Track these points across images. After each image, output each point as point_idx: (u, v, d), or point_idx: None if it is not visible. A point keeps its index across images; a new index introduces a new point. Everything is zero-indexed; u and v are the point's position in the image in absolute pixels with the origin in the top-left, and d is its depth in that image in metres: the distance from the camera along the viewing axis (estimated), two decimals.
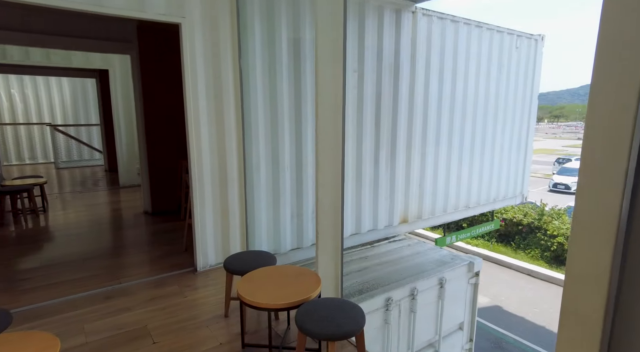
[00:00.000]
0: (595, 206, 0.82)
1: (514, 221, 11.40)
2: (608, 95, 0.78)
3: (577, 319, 0.86)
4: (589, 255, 0.82)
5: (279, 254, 3.72)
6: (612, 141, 0.77)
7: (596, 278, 0.82)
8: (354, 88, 4.40)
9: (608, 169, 0.78)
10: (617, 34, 0.77)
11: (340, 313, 1.90)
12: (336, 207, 2.40)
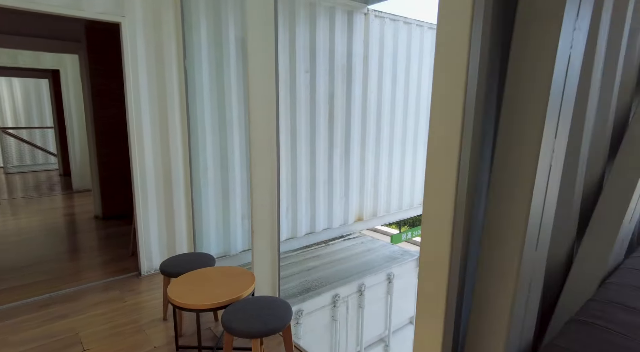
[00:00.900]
0: (437, 200, 0.87)
1: None
2: (443, 101, 0.84)
3: (427, 298, 0.92)
4: (434, 243, 0.88)
5: (229, 256, 3.70)
6: (447, 143, 0.83)
7: (439, 263, 0.88)
8: (306, 88, 4.44)
9: (445, 170, 0.84)
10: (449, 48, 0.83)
11: (267, 311, 1.92)
12: (272, 207, 2.42)
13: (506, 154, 0.96)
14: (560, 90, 0.95)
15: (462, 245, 0.92)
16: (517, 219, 0.93)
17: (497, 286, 0.97)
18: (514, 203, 0.94)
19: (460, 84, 0.81)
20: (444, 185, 0.86)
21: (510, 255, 0.94)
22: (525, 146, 0.92)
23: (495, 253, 0.97)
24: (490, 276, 0.98)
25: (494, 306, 0.97)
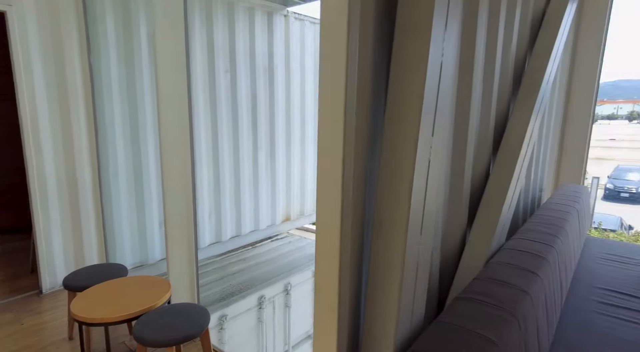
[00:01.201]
0: (327, 198, 0.94)
1: None
2: (329, 106, 0.91)
3: (322, 288, 0.99)
4: (325, 238, 0.95)
5: (146, 265, 3.50)
6: (333, 145, 0.90)
7: (331, 256, 0.95)
8: (227, 89, 4.36)
9: (331, 171, 0.92)
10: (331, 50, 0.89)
11: (183, 318, 1.87)
12: (188, 212, 2.35)
13: (390, 151, 1.06)
14: (435, 93, 1.07)
15: (352, 236, 1.00)
16: (400, 209, 1.03)
17: (386, 270, 1.06)
18: (397, 195, 1.04)
19: (341, 90, 0.88)
20: (332, 182, 0.93)
21: (396, 242, 1.04)
22: (405, 143, 1.03)
23: (383, 242, 1.07)
24: (380, 262, 1.07)
25: (383, 289, 1.07)
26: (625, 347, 1.79)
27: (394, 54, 1.05)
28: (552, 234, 2.06)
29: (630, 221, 11.51)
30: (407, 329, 1.14)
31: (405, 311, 1.11)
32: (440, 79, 1.08)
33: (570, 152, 3.78)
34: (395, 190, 1.05)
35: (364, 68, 0.98)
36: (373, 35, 1.03)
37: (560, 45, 2.50)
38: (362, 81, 0.97)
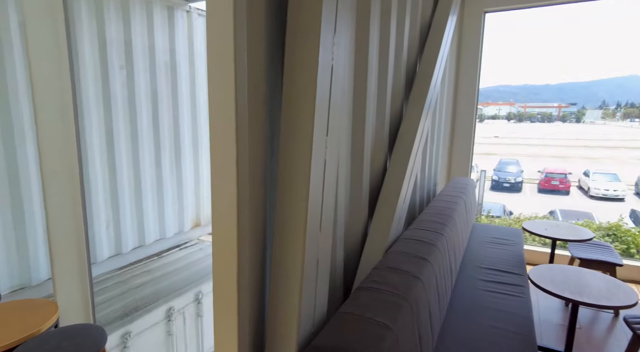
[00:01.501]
0: (222, 202, 0.93)
1: None
2: (219, 109, 0.89)
3: (221, 294, 0.97)
4: (222, 243, 0.94)
5: (29, 288, 3.05)
6: (224, 147, 0.89)
7: (229, 262, 0.94)
8: (123, 86, 4.00)
9: (225, 174, 0.90)
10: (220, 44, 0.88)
11: (72, 341, 1.67)
12: (77, 222, 2.11)
13: (286, 152, 1.07)
14: (327, 95, 1.11)
15: (251, 239, 1.00)
16: (298, 208, 1.06)
17: (286, 269, 1.08)
18: (295, 194, 1.06)
19: (231, 91, 0.87)
20: (227, 185, 0.91)
21: (295, 240, 1.06)
22: (300, 143, 1.05)
23: (282, 241, 1.08)
24: (281, 261, 1.09)
25: (285, 288, 1.08)
26: (500, 316, 2.07)
27: (286, 56, 1.07)
28: (442, 223, 2.29)
29: (511, 207, 13.33)
30: (310, 325, 1.17)
31: (308, 307, 1.14)
32: (332, 81, 1.13)
33: (459, 149, 4.24)
34: (293, 189, 1.06)
35: (255, 69, 0.97)
36: (265, 35, 1.03)
37: (445, 52, 2.79)
38: (254, 82, 0.97)
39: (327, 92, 1.11)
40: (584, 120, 70.31)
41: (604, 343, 2.67)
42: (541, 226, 3.23)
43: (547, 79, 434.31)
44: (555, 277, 2.20)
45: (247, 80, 0.94)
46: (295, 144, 1.06)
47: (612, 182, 16.83)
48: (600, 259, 3.03)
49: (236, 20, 0.85)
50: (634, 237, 5.25)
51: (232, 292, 0.95)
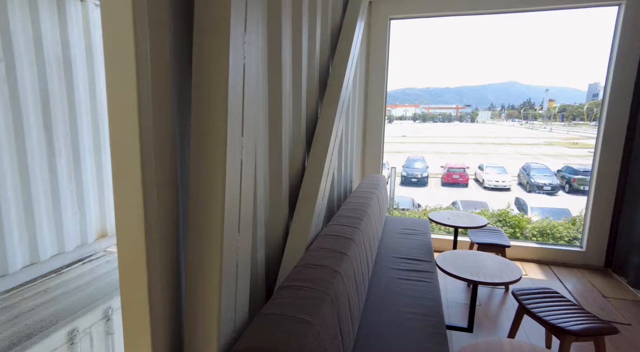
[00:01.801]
0: (126, 208, 0.87)
1: None
2: (120, 99, 0.83)
3: (129, 306, 0.91)
4: (128, 252, 0.88)
5: None
6: (127, 148, 0.83)
7: (137, 272, 0.88)
8: (2, 81, 3.47)
9: (128, 177, 0.85)
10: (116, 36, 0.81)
11: None
12: None
13: (199, 153, 1.03)
14: (240, 95, 1.09)
15: (162, 244, 0.94)
16: (215, 210, 1.03)
17: (204, 273, 1.04)
18: (211, 197, 1.02)
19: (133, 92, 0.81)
20: (131, 190, 0.85)
21: (212, 244, 1.03)
22: (214, 145, 1.02)
23: (199, 244, 1.04)
24: (198, 265, 1.04)
25: (203, 293, 1.04)
26: (413, 301, 2.24)
27: (195, 54, 1.03)
28: (358, 217, 2.41)
29: (419, 200, 14.47)
30: (232, 330, 1.15)
31: (228, 312, 1.11)
32: (244, 80, 1.11)
33: (371, 147, 4.48)
34: (208, 192, 1.03)
35: (160, 65, 0.92)
36: (169, 29, 0.98)
37: (355, 55, 2.93)
38: (159, 81, 0.92)
39: (240, 92, 1.10)
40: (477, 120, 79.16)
41: (498, 315, 3.05)
42: (444, 216, 3.58)
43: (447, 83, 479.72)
44: (458, 262, 2.45)
45: (151, 77, 0.88)
46: (208, 146, 1.03)
47: (501, 175, 19.22)
48: (493, 242, 3.45)
49: (135, 10, 0.80)
50: (518, 221, 6.06)
51: (142, 304, 0.89)
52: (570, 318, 2.15)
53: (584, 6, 3.72)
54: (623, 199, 3.79)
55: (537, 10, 3.85)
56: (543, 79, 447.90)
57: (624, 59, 3.63)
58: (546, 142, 35.52)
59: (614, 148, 3.79)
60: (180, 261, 1.09)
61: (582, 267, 4.04)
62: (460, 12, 3.95)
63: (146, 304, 0.88)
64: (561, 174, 18.49)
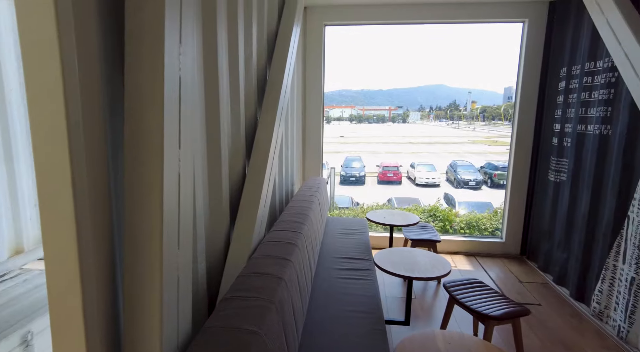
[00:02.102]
0: (56, 227, 0.82)
1: None
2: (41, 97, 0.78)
3: (59, 330, 0.86)
4: (57, 274, 0.83)
5: None
6: (55, 164, 0.79)
7: (69, 294, 0.83)
8: None
9: (57, 195, 0.80)
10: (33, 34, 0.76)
11: None
12: None
13: (134, 167, 1.00)
14: (176, 106, 1.07)
15: (96, 264, 0.90)
16: (153, 226, 1.00)
17: (144, 291, 1.00)
18: (148, 211, 0.99)
19: (59, 102, 0.76)
20: (61, 210, 0.80)
21: (151, 260, 1.00)
22: (150, 158, 0.99)
23: (136, 261, 1.00)
24: (137, 284, 1.01)
25: (143, 311, 1.01)
26: (354, 300, 2.33)
27: (127, 65, 0.99)
28: (301, 222, 2.45)
29: (357, 198, 14.94)
30: (174, 346, 1.12)
31: (170, 330, 1.08)
32: (180, 92, 1.09)
33: (311, 150, 4.55)
34: (145, 206, 0.99)
35: (88, 77, 0.87)
36: (98, 37, 0.93)
37: (292, 60, 2.97)
38: (89, 92, 0.87)
39: (176, 104, 1.07)
40: (408, 121, 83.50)
41: (432, 307, 3.27)
42: (381, 215, 3.75)
43: (380, 85, 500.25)
44: (394, 259, 2.59)
45: (81, 91, 0.84)
46: (144, 160, 0.99)
47: (431, 172, 20.50)
48: (425, 238, 3.69)
49: (58, 11, 0.75)
50: (448, 215, 6.53)
51: (76, 327, 0.83)
52: (493, 305, 2.38)
53: (494, 21, 4.12)
54: (533, 192, 4.26)
55: (454, 23, 4.20)
56: (466, 82, 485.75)
57: (529, 68, 4.09)
58: (470, 140, 38.58)
59: (525, 146, 4.25)
60: (116, 280, 1.04)
61: (502, 257, 4.48)
62: (389, 21, 4.17)
63: (81, 327, 0.82)
64: (484, 170, 20.21)
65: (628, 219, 2.73)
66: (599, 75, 3.12)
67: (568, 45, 3.60)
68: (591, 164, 3.17)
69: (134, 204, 1.01)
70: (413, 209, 6.97)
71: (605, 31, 2.76)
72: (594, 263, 3.12)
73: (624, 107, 2.79)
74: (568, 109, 3.58)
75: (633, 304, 2.65)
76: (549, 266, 3.87)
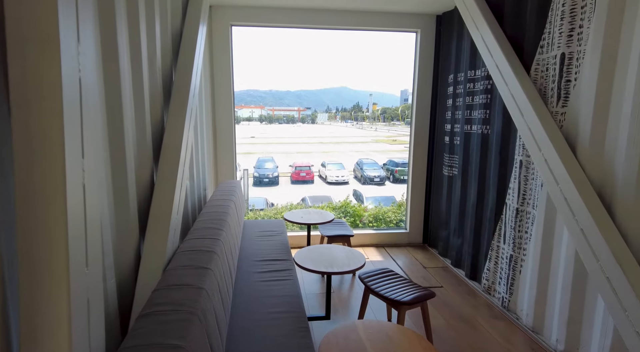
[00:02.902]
0: None
1: None
2: None
3: None
4: None
5: None
6: None
7: None
8: None
9: None
10: None
11: None
12: None
13: (29, 182, 0.88)
14: (78, 112, 0.97)
15: None
16: (57, 246, 0.89)
17: (47, 319, 0.89)
18: (49, 230, 0.88)
19: None
20: None
21: (56, 284, 0.89)
22: (49, 171, 0.88)
23: (36, 287, 0.89)
24: (37, 311, 0.89)
25: (49, 340, 0.89)
26: (276, 301, 2.35)
27: (12, 71, 0.86)
28: (217, 228, 2.37)
29: (272, 199, 14.91)
30: None
31: (82, 345, 0.98)
32: (81, 96, 0.99)
33: (223, 153, 4.42)
34: (45, 227, 0.88)
35: None
36: None
37: (199, 61, 2.86)
38: None
39: (77, 109, 0.97)
40: (317, 122, 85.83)
41: (350, 299, 3.44)
42: (298, 214, 3.82)
43: (288, 86, 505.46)
44: (313, 256, 2.67)
45: None
46: (41, 173, 0.88)
47: (340, 170, 21.39)
48: (340, 234, 3.86)
49: None
50: (357, 210, 6.90)
51: None
52: (403, 291, 2.60)
53: (391, 30, 4.49)
54: (431, 186, 4.74)
55: (355, 29, 4.47)
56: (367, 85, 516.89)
57: (423, 74, 4.54)
58: (373, 140, 41.17)
59: (422, 145, 4.70)
60: (8, 313, 0.91)
61: (407, 246, 4.89)
62: (293, 24, 4.26)
63: None
64: (386, 167, 21.76)
65: (506, 206, 3.21)
66: (479, 82, 3.60)
67: (453, 55, 4.08)
68: (476, 160, 3.64)
69: (29, 225, 0.89)
70: (326, 207, 7.21)
71: (480, 44, 3.20)
72: (483, 246, 3.59)
73: (498, 110, 3.26)
74: (456, 111, 4.06)
75: (512, 278, 3.12)
76: (448, 251, 4.34)
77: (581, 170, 2.35)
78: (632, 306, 1.95)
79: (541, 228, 2.76)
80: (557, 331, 2.63)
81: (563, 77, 2.53)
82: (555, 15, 2.59)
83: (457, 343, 2.76)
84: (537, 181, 2.81)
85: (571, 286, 2.48)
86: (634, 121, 2.04)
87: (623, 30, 2.12)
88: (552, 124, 2.56)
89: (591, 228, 2.18)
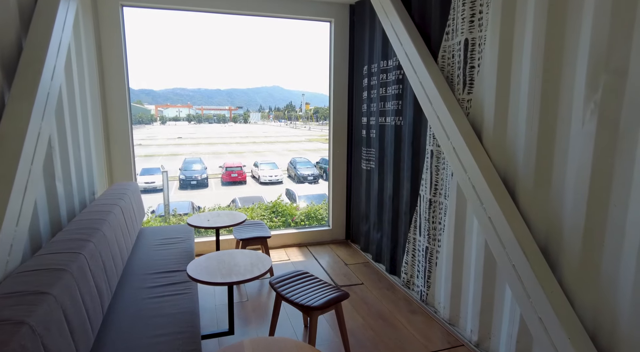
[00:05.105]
0: None
1: None
2: None
3: None
4: None
5: None
6: None
7: None
8: None
9: None
10: None
11: None
12: None
13: None
14: None
15: None
16: None
17: None
18: None
19: None
20: None
21: None
22: None
23: None
24: None
25: None
26: (166, 320, 1.98)
27: None
28: (84, 239, 1.95)
29: (200, 202, 14.07)
30: None
31: None
32: None
33: (118, 153, 3.87)
34: None
35: None
36: None
37: (65, 39, 2.37)
38: None
39: None
40: (249, 121, 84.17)
41: (265, 306, 3.15)
42: (204, 218, 3.43)
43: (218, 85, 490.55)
44: (211, 266, 2.34)
45: None
46: None
47: (274, 170, 20.98)
48: (255, 236, 3.56)
49: None
50: (289, 210, 6.64)
51: None
52: (316, 295, 2.38)
53: (304, 18, 4.28)
54: (351, 181, 4.63)
55: (266, 16, 4.18)
56: (300, 85, 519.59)
57: (339, 66, 4.40)
58: (307, 139, 41.22)
59: (341, 139, 4.56)
60: None
61: (330, 243, 4.73)
62: (197, 8, 3.85)
63: None
64: (319, 165, 21.79)
65: (420, 197, 3.15)
66: (391, 73, 3.52)
67: (367, 45, 3.98)
68: (391, 152, 3.56)
69: None
70: (256, 207, 6.86)
71: (390, 32, 3.10)
72: (400, 239, 3.52)
73: (410, 101, 3.19)
74: (371, 103, 3.96)
75: (429, 270, 3.07)
76: (369, 246, 4.24)
77: (487, 158, 2.31)
78: (535, 292, 1.92)
79: (453, 218, 2.71)
80: (471, 322, 2.60)
81: (467, 63, 2.49)
82: (457, 1, 2.55)
83: (374, 344, 2.62)
84: (448, 170, 2.76)
85: (482, 276, 2.44)
86: (530, 104, 2.02)
87: (517, 13, 2.09)
88: (459, 111, 2.51)
89: (497, 216, 2.13)
